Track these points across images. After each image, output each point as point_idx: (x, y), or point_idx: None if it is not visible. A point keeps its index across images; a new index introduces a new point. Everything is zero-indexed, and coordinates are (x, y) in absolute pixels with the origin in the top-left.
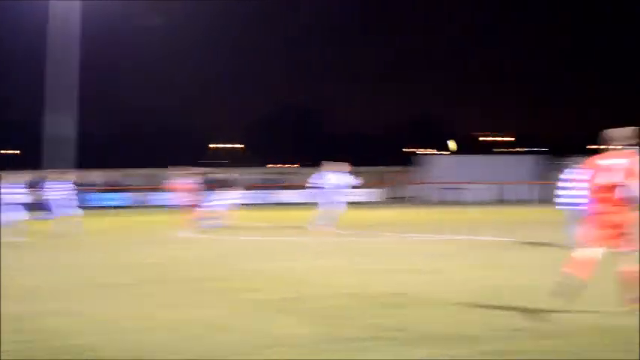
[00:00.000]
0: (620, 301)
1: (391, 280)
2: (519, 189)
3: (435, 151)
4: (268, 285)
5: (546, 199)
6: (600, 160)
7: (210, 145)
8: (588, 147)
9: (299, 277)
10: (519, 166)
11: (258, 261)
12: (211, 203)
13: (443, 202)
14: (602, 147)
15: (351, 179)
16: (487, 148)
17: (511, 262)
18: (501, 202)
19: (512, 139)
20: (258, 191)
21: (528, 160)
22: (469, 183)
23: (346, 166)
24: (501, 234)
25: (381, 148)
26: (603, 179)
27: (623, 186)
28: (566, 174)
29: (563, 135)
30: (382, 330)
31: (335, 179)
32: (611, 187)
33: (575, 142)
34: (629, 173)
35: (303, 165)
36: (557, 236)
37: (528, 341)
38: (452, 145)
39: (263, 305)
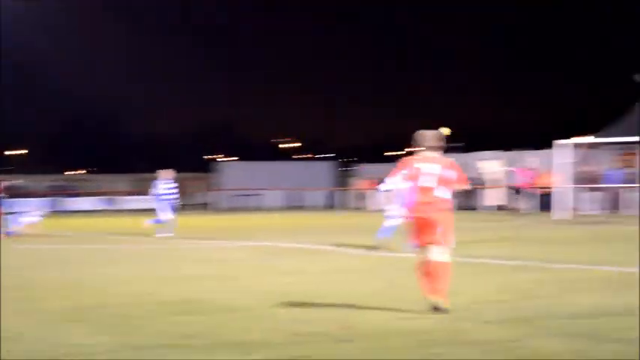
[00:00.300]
0: (423, 298)
1: (185, 287)
2: (313, 195)
3: (236, 158)
4: (59, 294)
5: (339, 204)
6: (416, 162)
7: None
8: (386, 154)
9: (91, 285)
10: (312, 172)
11: (50, 269)
12: (7, 211)
13: (238, 209)
14: (394, 153)
15: (175, 186)
16: (287, 155)
17: (307, 267)
18: (294, 207)
19: (300, 144)
20: (49, 198)
21: (321, 166)
22: (263, 189)
23: (171, 173)
24: (295, 239)
25: (181, 153)
26: (419, 180)
27: (437, 188)
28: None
29: (352, 142)
30: (177, 337)
31: (162, 187)
32: (427, 189)
33: (364, 148)
34: (443, 175)
35: (95, 171)
36: (352, 240)
37: (325, 345)
38: (445, 130)
39: (54, 314)
